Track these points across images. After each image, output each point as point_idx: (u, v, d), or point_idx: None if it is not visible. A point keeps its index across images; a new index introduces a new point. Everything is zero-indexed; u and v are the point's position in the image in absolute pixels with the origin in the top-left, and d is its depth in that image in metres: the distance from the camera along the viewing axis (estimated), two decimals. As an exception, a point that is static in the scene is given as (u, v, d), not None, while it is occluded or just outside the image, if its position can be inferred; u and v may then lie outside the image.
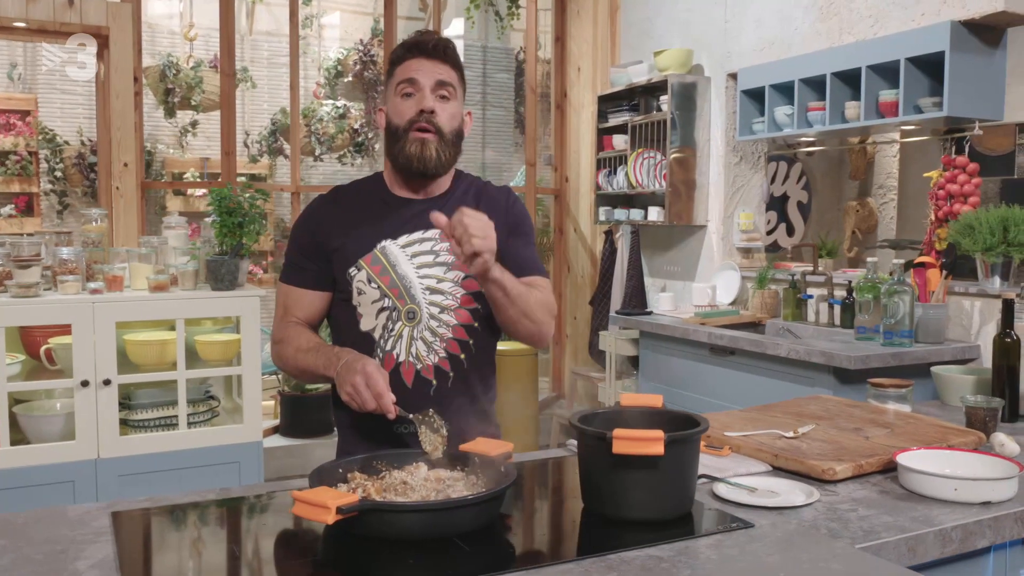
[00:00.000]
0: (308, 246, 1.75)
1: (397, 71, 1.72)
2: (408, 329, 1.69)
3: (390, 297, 1.69)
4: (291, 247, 1.79)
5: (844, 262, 5.43)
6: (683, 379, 3.79)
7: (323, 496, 1.19)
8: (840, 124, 3.63)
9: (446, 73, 1.71)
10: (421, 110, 1.67)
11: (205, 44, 6.17)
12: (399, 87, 1.70)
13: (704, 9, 4.45)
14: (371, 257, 1.70)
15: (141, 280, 3.12)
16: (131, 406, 3.17)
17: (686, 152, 4.41)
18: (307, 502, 1.18)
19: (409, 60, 1.70)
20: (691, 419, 1.46)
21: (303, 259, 1.76)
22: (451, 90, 1.71)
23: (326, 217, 1.75)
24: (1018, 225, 3.02)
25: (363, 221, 1.73)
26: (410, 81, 1.69)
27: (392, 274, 1.69)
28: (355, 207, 1.75)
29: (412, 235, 1.72)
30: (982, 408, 1.89)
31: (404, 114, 1.68)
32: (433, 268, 1.70)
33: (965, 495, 1.47)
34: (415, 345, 1.69)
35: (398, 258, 1.70)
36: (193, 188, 5.87)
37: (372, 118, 6.52)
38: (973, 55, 3.19)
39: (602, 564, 1.20)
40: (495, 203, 1.78)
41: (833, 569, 1.19)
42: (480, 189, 1.82)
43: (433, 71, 1.69)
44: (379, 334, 1.70)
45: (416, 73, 1.69)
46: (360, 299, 1.70)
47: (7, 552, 1.24)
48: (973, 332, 3.16)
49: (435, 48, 1.70)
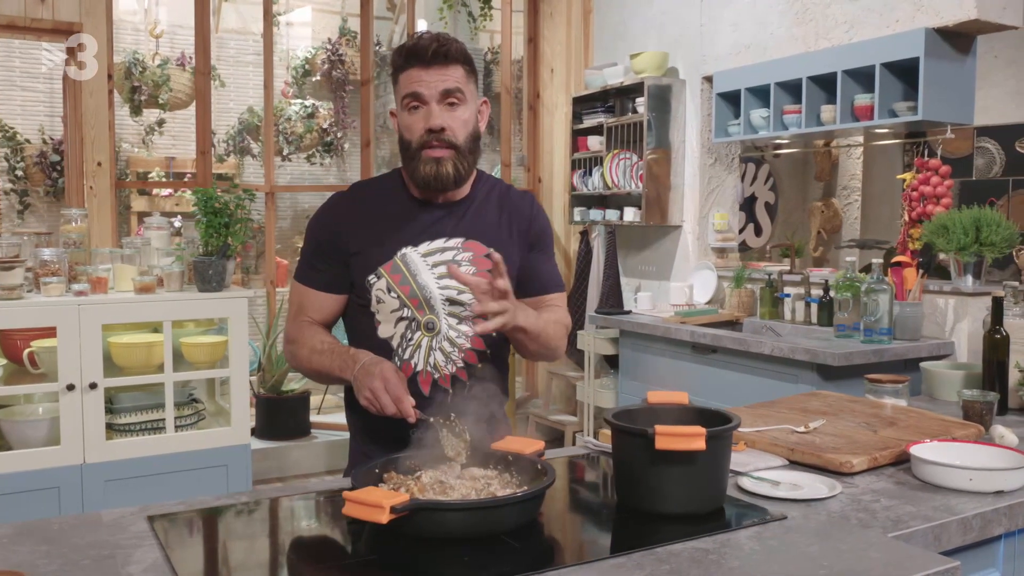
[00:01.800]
0: (326, 247, 1.70)
1: (400, 81, 1.65)
2: (427, 339, 1.68)
3: (409, 308, 1.67)
4: (307, 246, 1.74)
5: (810, 261, 5.57)
6: (664, 377, 3.84)
7: (376, 496, 1.19)
8: (816, 127, 3.72)
9: (451, 78, 1.63)
10: (430, 128, 1.61)
11: (170, 42, 6.08)
12: (404, 100, 1.64)
13: (679, 13, 4.52)
14: (391, 265, 1.67)
15: (126, 282, 3.07)
16: (114, 410, 3.11)
17: (661, 153, 4.47)
18: (360, 502, 1.19)
19: (410, 70, 1.63)
20: (719, 415, 1.50)
21: (319, 260, 1.71)
22: (459, 95, 1.64)
23: (345, 218, 1.70)
24: (990, 226, 3.13)
25: (383, 225, 1.69)
26: (414, 95, 1.62)
27: (412, 284, 1.67)
28: (375, 209, 1.71)
29: (433, 243, 1.69)
30: (979, 402, 1.96)
31: (413, 129, 1.64)
32: (453, 279, 1.65)
33: (979, 485, 1.53)
34: (433, 355, 1.68)
35: (418, 267, 1.67)
36: (162, 188, 5.77)
37: (341, 118, 6.48)
38: (946, 61, 3.30)
39: (652, 557, 1.23)
40: (519, 212, 1.77)
41: (872, 557, 1.23)
42: (503, 194, 1.78)
43: (436, 81, 1.62)
44: (397, 343, 1.68)
45: (419, 86, 1.62)
46: (379, 307, 1.67)
47: (53, 558, 1.22)
48: (947, 329, 3.27)
49: (434, 55, 1.61)
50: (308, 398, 4.78)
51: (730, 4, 4.21)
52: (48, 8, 3.84)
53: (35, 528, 1.34)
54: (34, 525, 1.36)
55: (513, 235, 1.75)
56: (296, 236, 6.72)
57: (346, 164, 6.77)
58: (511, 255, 1.72)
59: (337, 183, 6.77)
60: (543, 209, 1.86)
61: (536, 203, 1.83)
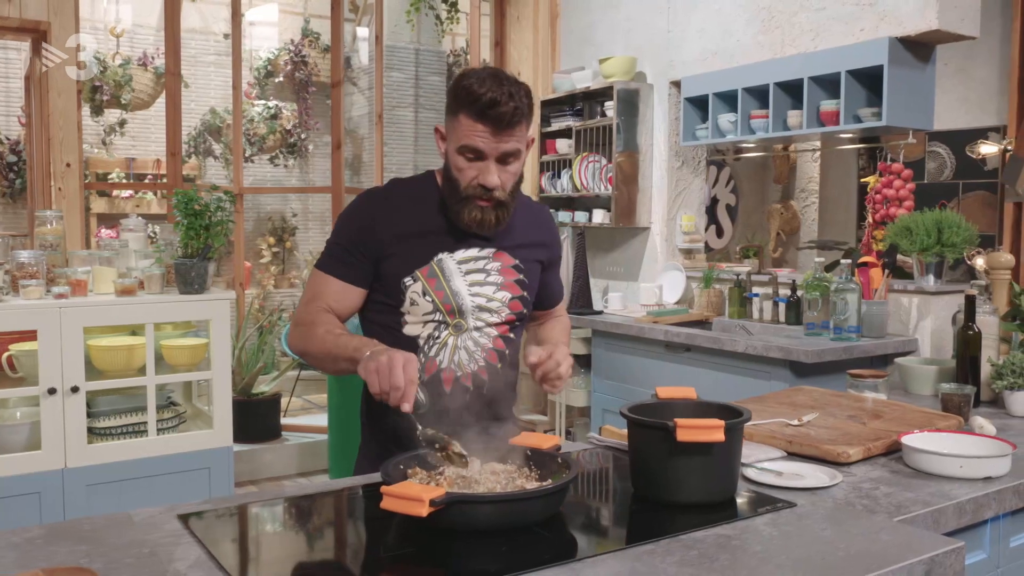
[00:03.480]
0: (360, 242, 1.71)
1: (462, 123, 1.62)
2: (453, 339, 1.72)
3: (441, 311, 1.70)
4: (339, 239, 1.74)
5: (769, 262, 5.72)
6: (639, 376, 3.92)
7: (415, 490, 1.23)
8: (783, 132, 3.84)
9: (515, 139, 1.63)
10: (483, 185, 1.64)
11: (131, 41, 5.99)
12: (462, 148, 1.63)
13: (646, 19, 4.61)
14: (427, 269, 1.70)
15: (106, 284, 3.05)
16: (93, 414, 3.08)
17: (629, 156, 4.56)
18: (399, 496, 1.23)
19: (477, 125, 1.60)
20: (727, 408, 1.57)
21: (349, 254, 1.71)
22: (517, 154, 1.66)
23: (382, 217, 1.72)
24: (951, 227, 3.27)
25: (422, 229, 1.71)
26: (474, 151, 1.62)
27: (446, 289, 1.70)
28: (414, 212, 1.73)
29: (468, 251, 1.73)
30: (957, 394, 2.06)
31: (465, 175, 1.65)
32: (484, 287, 1.73)
33: (970, 471, 1.62)
34: (458, 354, 1.72)
35: (453, 273, 1.71)
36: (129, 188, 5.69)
37: (305, 119, 6.46)
38: (908, 69, 3.43)
39: (678, 544, 1.29)
40: (542, 231, 1.86)
41: (884, 540, 1.31)
42: (527, 210, 1.83)
43: (502, 144, 1.62)
44: (424, 340, 1.72)
45: (482, 143, 1.61)
46: (411, 308, 1.70)
47: (95, 558, 1.24)
48: (911, 326, 3.40)
49: (510, 122, 1.60)
50: (279, 400, 4.76)
51: (697, 11, 4.31)
52: (15, 6, 3.78)
53: (65, 529, 1.35)
54: (63, 526, 1.37)
55: (536, 252, 1.84)
56: (259, 238, 6.68)
57: (309, 166, 6.75)
58: (534, 269, 1.83)
59: (301, 184, 6.75)
60: (556, 226, 1.95)
61: (553, 220, 1.92)
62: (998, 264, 2.54)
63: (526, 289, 1.80)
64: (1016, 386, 2.13)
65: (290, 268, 6.72)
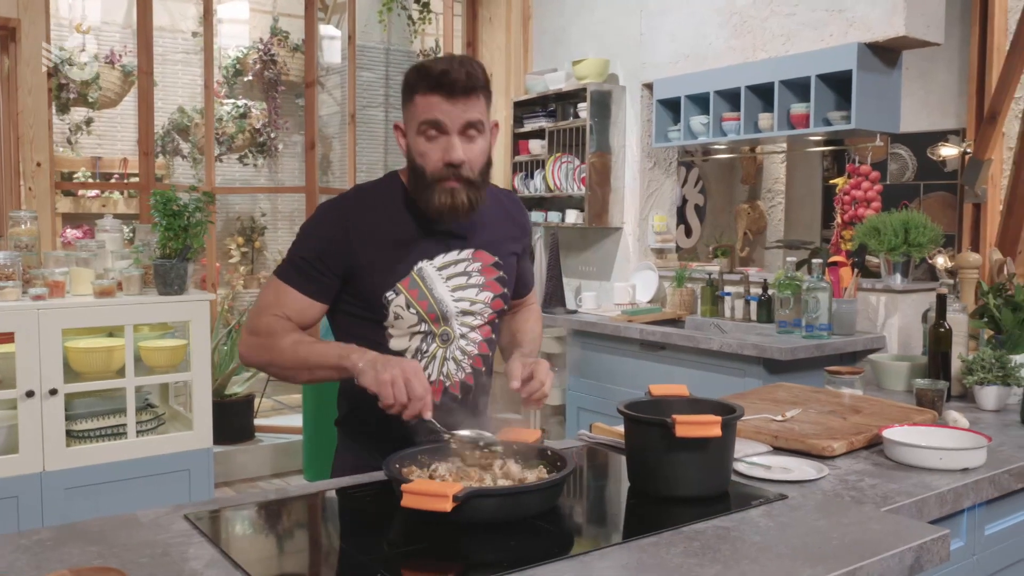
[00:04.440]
0: (326, 256, 1.63)
1: (418, 103, 1.58)
2: (442, 351, 1.70)
3: (427, 322, 1.67)
4: (303, 250, 1.64)
5: (736, 261, 5.82)
6: (614, 374, 3.98)
7: (435, 487, 1.27)
8: (754, 134, 3.93)
9: (474, 110, 1.58)
10: (450, 163, 1.58)
11: (97, 38, 5.91)
12: (421, 126, 1.58)
13: (618, 21, 4.67)
14: (408, 280, 1.65)
15: (84, 285, 3.02)
16: (71, 416, 3.06)
17: (602, 157, 4.62)
18: (421, 493, 1.26)
19: (431, 96, 1.56)
20: (719, 404, 1.62)
21: (314, 268, 1.63)
22: (479, 126, 1.60)
23: (351, 229, 1.63)
24: (918, 228, 3.37)
25: (394, 239, 1.65)
26: (435, 124, 1.57)
27: (430, 299, 1.66)
28: (382, 221, 1.66)
29: (447, 255, 1.69)
30: (931, 390, 2.14)
31: (428, 158, 1.59)
32: (467, 290, 1.71)
33: (948, 463, 1.69)
34: (447, 365, 1.70)
35: (434, 280, 1.67)
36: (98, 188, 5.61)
37: (274, 119, 6.42)
38: (875, 74, 3.53)
39: (680, 536, 1.33)
40: (516, 222, 1.84)
41: (875, 529, 1.37)
42: (499, 202, 1.80)
43: (461, 113, 1.57)
44: (412, 355, 1.67)
45: (441, 115, 1.56)
46: (396, 323, 1.66)
47: (108, 558, 1.25)
48: (879, 324, 3.50)
49: (464, 89, 1.55)
50: (252, 401, 4.75)
51: (669, 15, 4.38)
52: (-16, 3, 3.72)
53: (73, 531, 1.36)
54: (71, 528, 1.37)
55: (514, 245, 1.84)
56: (227, 238, 6.63)
57: (278, 165, 6.71)
58: (511, 262, 1.82)
59: (270, 183, 6.71)
60: (527, 213, 1.93)
61: (524, 209, 1.90)
62: (966, 264, 2.63)
63: (506, 285, 1.79)
64: (986, 381, 2.21)
65: (259, 268, 6.68)
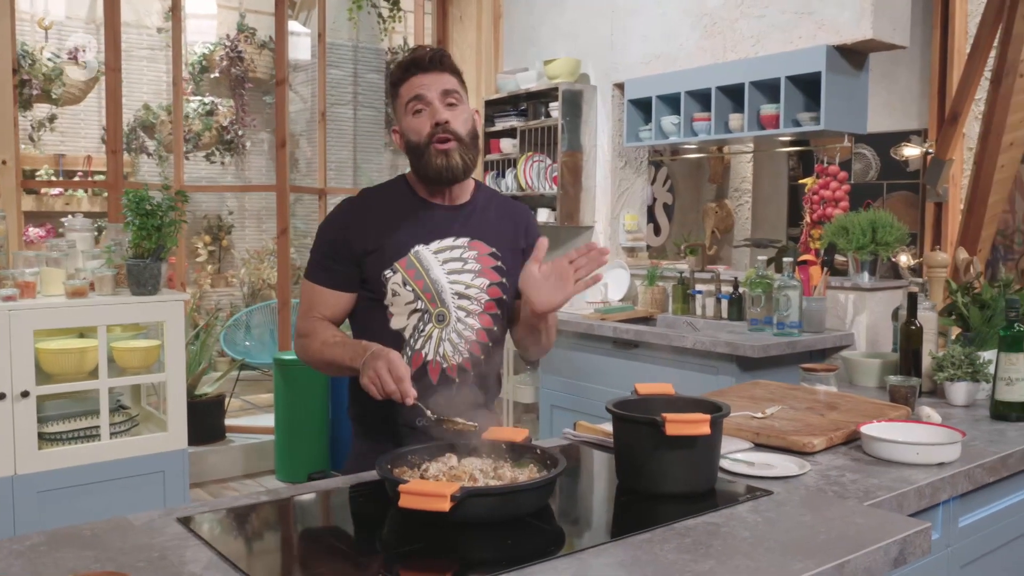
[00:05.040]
0: (338, 248, 1.81)
1: (402, 91, 1.79)
2: (438, 331, 1.80)
3: (423, 300, 1.78)
4: (319, 247, 1.84)
5: (704, 259, 5.89)
6: (588, 372, 4.01)
7: (432, 487, 1.28)
8: (725, 134, 3.98)
9: (448, 82, 1.79)
10: (436, 123, 1.75)
11: (59, 34, 5.82)
12: (408, 106, 1.78)
13: (589, 22, 4.70)
14: (406, 261, 1.79)
15: (55, 286, 2.98)
16: (42, 419, 3.01)
17: (574, 156, 4.65)
18: (419, 494, 1.27)
19: (411, 78, 1.78)
20: (703, 402, 1.65)
21: (330, 260, 1.81)
22: (457, 96, 1.79)
23: (357, 220, 1.82)
24: (885, 227, 3.44)
25: (396, 225, 1.81)
26: (418, 98, 1.77)
27: (426, 278, 1.79)
28: (386, 211, 1.83)
29: (443, 241, 1.82)
30: (904, 386, 2.19)
31: (420, 130, 1.77)
32: (462, 275, 1.81)
33: (925, 458, 1.74)
34: (443, 346, 1.80)
35: (431, 263, 1.80)
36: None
37: (241, 116, 6.37)
38: (844, 76, 3.60)
39: (672, 532, 1.36)
40: (517, 221, 1.93)
41: (859, 523, 1.40)
42: (501, 203, 1.95)
43: (436, 83, 1.77)
44: (409, 333, 1.79)
45: (421, 89, 1.76)
46: (394, 300, 1.78)
47: (105, 562, 1.24)
48: (848, 321, 3.57)
49: (432, 61, 1.78)
50: (223, 401, 4.71)
51: (639, 15, 4.42)
52: (-53, -2, 3.65)
53: (66, 535, 1.35)
54: (63, 532, 1.36)
55: (512, 240, 1.90)
56: (194, 237, 6.56)
57: (246, 163, 6.65)
58: (508, 259, 1.88)
59: (237, 181, 6.65)
60: (533, 215, 2.02)
61: (531, 213, 2.00)
62: (935, 263, 2.69)
63: (505, 276, 1.87)
64: (956, 377, 2.27)
65: (226, 267, 6.62)
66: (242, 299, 6.60)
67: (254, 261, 6.52)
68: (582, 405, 3.94)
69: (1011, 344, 2.10)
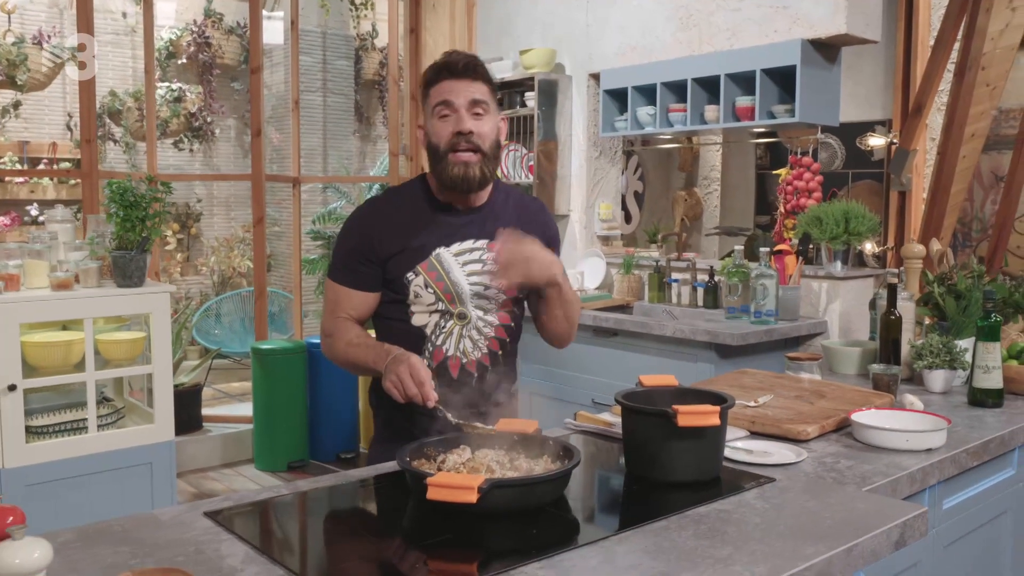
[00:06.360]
0: (362, 250, 1.86)
1: (432, 93, 1.83)
2: (458, 328, 1.87)
3: (443, 301, 1.85)
4: (343, 248, 1.89)
5: (673, 247, 5.98)
6: (567, 360, 4.06)
7: (459, 479, 1.32)
8: (700, 125, 4.05)
9: (478, 91, 1.81)
10: (459, 131, 1.78)
11: (21, 18, 5.69)
12: (436, 109, 1.81)
13: (565, 12, 4.74)
14: (427, 264, 1.84)
15: (39, 278, 2.95)
16: (28, 412, 2.98)
17: (549, 146, 4.69)
18: (446, 486, 1.31)
19: (442, 82, 1.81)
20: (706, 393, 1.72)
21: (355, 262, 1.87)
22: (485, 106, 1.81)
23: (380, 224, 1.87)
24: (857, 218, 3.55)
25: (417, 229, 1.86)
26: (445, 103, 1.80)
27: (447, 280, 1.85)
28: (407, 215, 1.88)
29: (463, 243, 1.87)
30: (886, 375, 2.29)
31: (442, 135, 1.80)
32: (482, 276, 1.87)
33: (914, 444, 1.83)
34: (463, 342, 1.87)
35: (451, 265, 1.86)
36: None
37: (209, 103, 6.30)
38: (817, 69, 3.69)
39: (687, 519, 1.42)
40: (535, 220, 1.97)
41: (860, 508, 1.48)
42: (518, 202, 1.99)
43: (466, 91, 1.79)
44: (431, 330, 1.86)
45: (450, 94, 1.79)
46: (416, 300, 1.85)
47: (143, 557, 1.26)
48: (821, 309, 3.68)
49: (465, 68, 1.80)
50: (200, 391, 4.69)
51: (616, 7, 4.46)
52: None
53: (96, 531, 1.37)
54: (93, 528, 1.38)
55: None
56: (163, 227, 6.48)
57: (213, 151, 6.58)
58: None
59: (205, 169, 6.58)
60: (552, 215, 2.08)
61: (547, 210, 2.06)
62: (911, 254, 2.79)
63: None
64: (934, 365, 2.37)
65: (196, 255, 6.56)
66: (212, 287, 6.55)
67: (224, 249, 6.47)
68: (562, 393, 4.00)
69: (988, 333, 2.20)
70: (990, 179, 5.38)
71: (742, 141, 5.54)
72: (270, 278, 4.80)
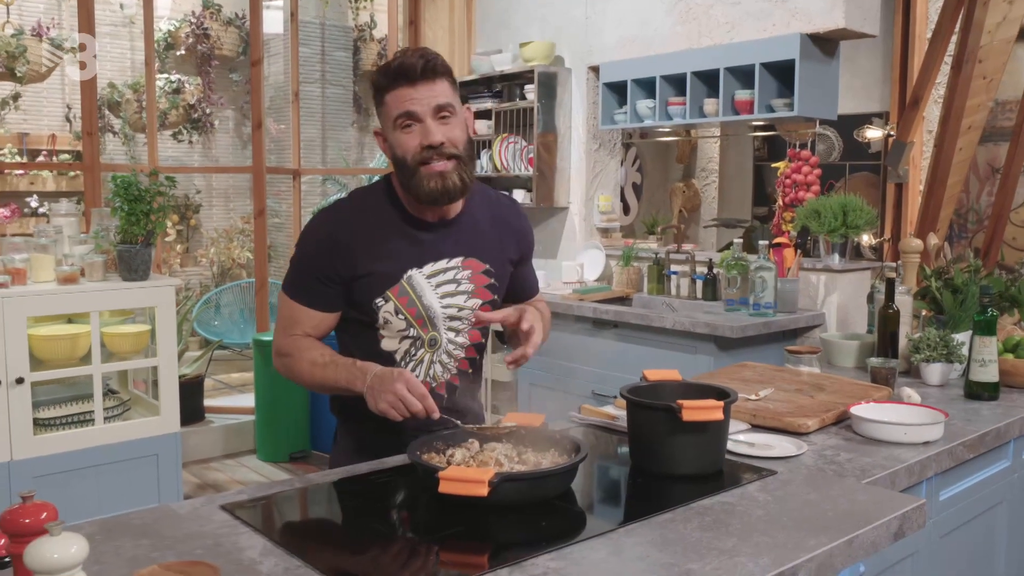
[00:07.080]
0: (323, 268, 1.71)
1: (388, 101, 1.65)
2: (429, 355, 1.77)
3: (415, 327, 1.74)
4: (303, 265, 1.74)
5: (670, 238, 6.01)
6: (565, 351, 4.10)
7: (471, 473, 1.36)
8: (699, 118, 4.08)
9: (441, 93, 1.64)
10: (429, 145, 1.63)
11: (19, 10, 5.68)
12: (398, 120, 1.64)
13: (565, 5, 4.75)
14: (398, 288, 1.72)
15: (46, 272, 2.98)
16: (35, 404, 3.02)
17: (548, 138, 4.72)
18: (458, 479, 1.35)
19: (397, 90, 1.63)
20: (709, 387, 1.75)
21: (314, 281, 1.72)
22: (450, 108, 1.65)
23: (343, 239, 1.70)
24: (855, 211, 3.58)
25: (387, 249, 1.72)
26: (408, 115, 1.63)
27: (419, 305, 1.73)
28: (375, 232, 1.72)
29: (436, 264, 1.75)
30: (884, 368, 2.33)
31: (408, 148, 1.65)
32: (455, 297, 1.77)
33: (912, 437, 1.87)
34: (433, 368, 1.79)
35: (424, 288, 1.74)
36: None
37: (208, 94, 6.30)
38: (816, 63, 3.71)
39: (691, 512, 1.46)
40: (510, 227, 1.87)
41: (861, 500, 1.52)
42: (493, 206, 1.85)
43: (428, 97, 1.62)
44: (400, 356, 1.76)
45: (411, 104, 1.62)
46: (386, 327, 1.73)
47: (163, 550, 1.30)
48: (819, 301, 3.71)
49: (424, 71, 1.61)
50: (202, 382, 4.72)
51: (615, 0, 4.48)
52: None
53: (116, 524, 1.40)
54: (112, 522, 1.41)
55: (507, 250, 1.86)
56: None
57: (212, 142, 6.59)
58: (505, 268, 1.87)
59: (204, 161, 6.59)
60: (526, 216, 1.96)
61: (522, 213, 1.93)
62: (908, 249, 2.83)
63: (496, 292, 1.84)
64: (931, 358, 2.41)
65: (195, 247, 6.57)
66: (211, 278, 6.57)
67: (223, 240, 6.48)
68: (560, 384, 4.04)
69: (985, 328, 2.24)
70: (986, 170, 5.42)
71: (740, 134, 5.57)
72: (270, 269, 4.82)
